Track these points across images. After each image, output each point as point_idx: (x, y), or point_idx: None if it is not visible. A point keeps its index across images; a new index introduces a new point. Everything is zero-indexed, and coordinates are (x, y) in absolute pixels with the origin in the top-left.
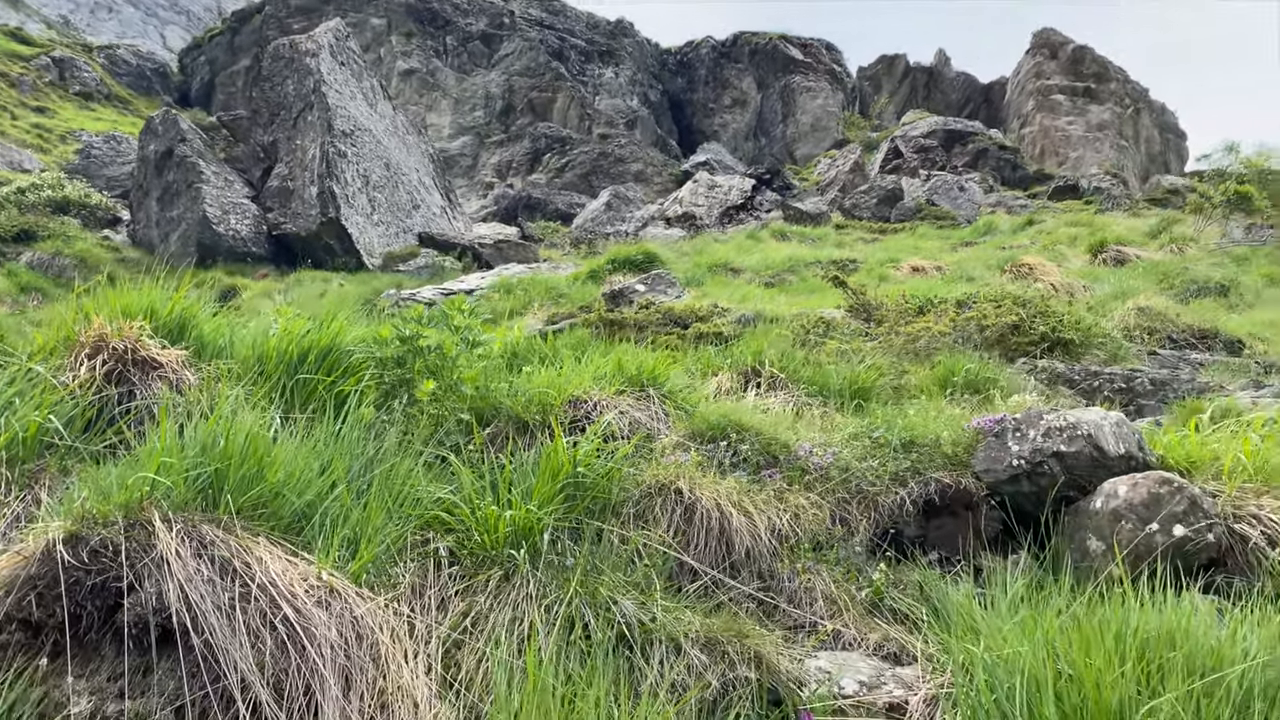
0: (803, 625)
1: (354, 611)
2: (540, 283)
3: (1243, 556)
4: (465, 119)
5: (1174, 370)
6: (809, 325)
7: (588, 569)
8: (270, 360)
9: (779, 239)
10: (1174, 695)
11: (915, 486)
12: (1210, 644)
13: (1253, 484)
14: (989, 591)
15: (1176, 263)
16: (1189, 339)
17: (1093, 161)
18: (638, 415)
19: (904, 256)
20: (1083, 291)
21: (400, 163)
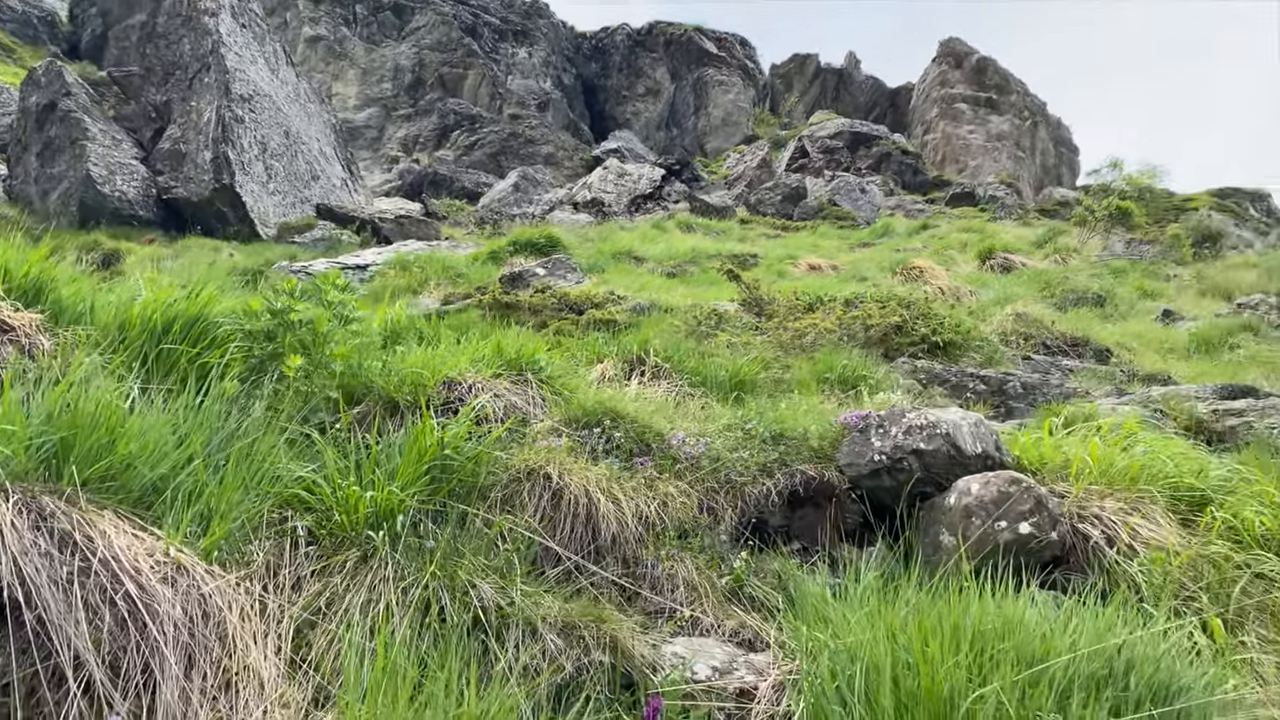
0: (662, 611)
1: (201, 589)
2: (438, 261)
3: (1084, 555)
4: (372, 90)
5: (1045, 375)
6: (702, 317)
7: (449, 552)
8: (133, 328)
9: (684, 230)
10: (1001, 684)
11: (782, 478)
12: (1041, 636)
13: (1098, 486)
14: (844, 581)
15: (1059, 272)
16: (1062, 346)
17: (990, 170)
18: (513, 399)
19: (803, 254)
20: (968, 296)
21: (301, 131)
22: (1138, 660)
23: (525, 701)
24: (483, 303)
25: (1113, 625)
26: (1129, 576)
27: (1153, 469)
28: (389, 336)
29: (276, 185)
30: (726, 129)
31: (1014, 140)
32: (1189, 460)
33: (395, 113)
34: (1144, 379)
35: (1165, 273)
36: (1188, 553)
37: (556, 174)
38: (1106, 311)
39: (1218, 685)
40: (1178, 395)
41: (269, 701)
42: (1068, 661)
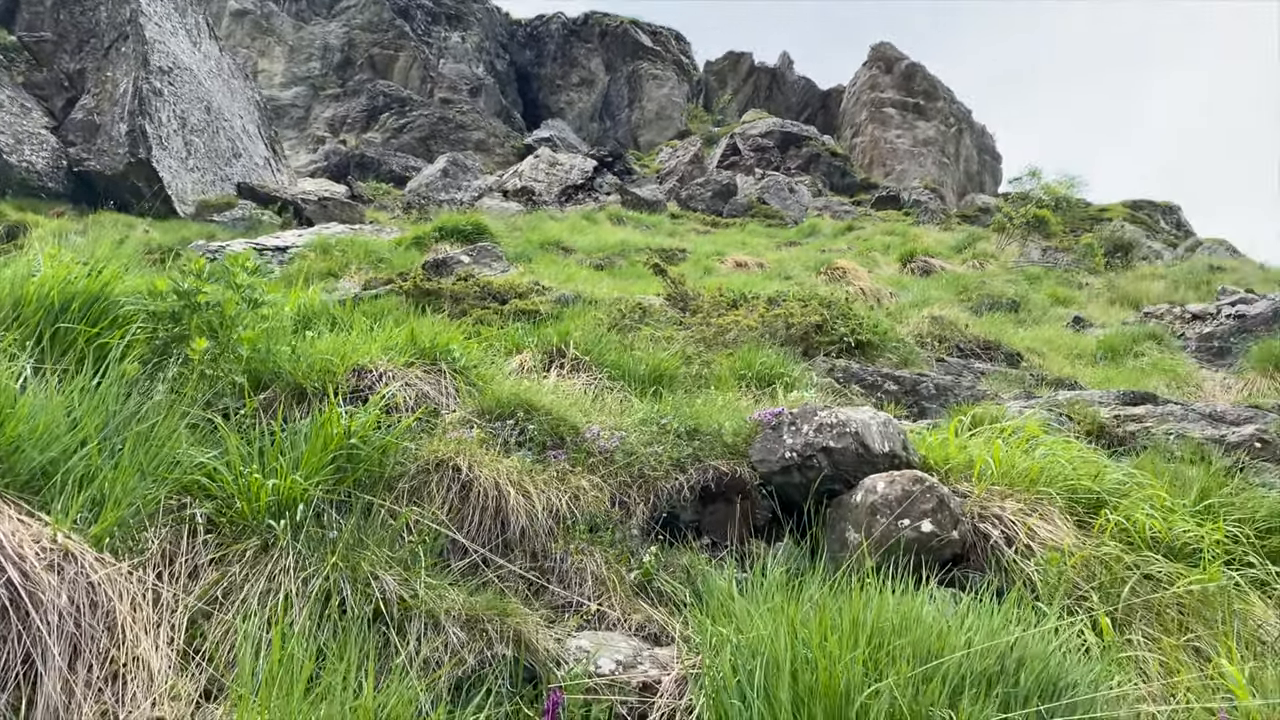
0: (570, 605)
1: (90, 577)
2: (361, 245)
3: (984, 553)
4: (300, 69)
5: (957, 377)
6: (626, 310)
7: (352, 543)
8: (29, 305)
9: (615, 223)
10: (896, 679)
11: (695, 473)
12: (937, 632)
13: (999, 487)
14: (751, 576)
15: (976, 277)
16: (975, 349)
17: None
18: (426, 389)
19: (731, 251)
20: (889, 297)
21: (223, 108)
22: (1029, 657)
23: (425, 694)
24: (403, 289)
25: (1007, 623)
26: (1025, 575)
27: (1052, 471)
28: (302, 321)
29: (196, 162)
30: (660, 123)
31: (939, 146)
32: (1087, 464)
33: (323, 92)
34: (1052, 383)
35: (1078, 280)
36: (1082, 553)
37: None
38: (1020, 317)
39: (1103, 681)
40: (1082, 400)
41: (158, 693)
42: (961, 658)
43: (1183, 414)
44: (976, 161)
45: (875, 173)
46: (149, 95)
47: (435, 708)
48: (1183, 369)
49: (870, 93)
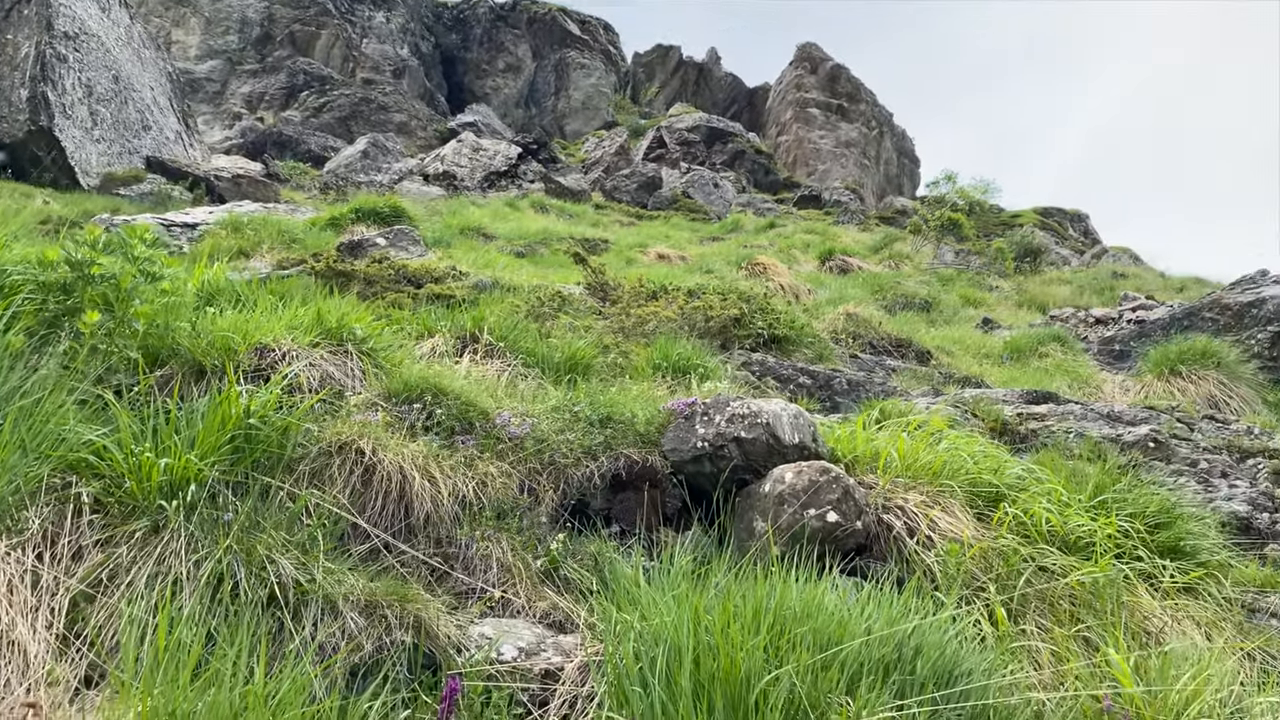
0: (473, 592)
1: None
2: (274, 224)
3: (887, 544)
4: (217, 42)
5: (870, 373)
6: (545, 298)
7: (248, 526)
8: None
9: (538, 210)
10: (795, 666)
11: (606, 461)
12: (838, 620)
13: (904, 479)
14: (659, 564)
15: (891, 277)
16: (888, 346)
17: (838, 176)
18: (330, 369)
19: (654, 243)
20: (807, 294)
21: (133, 78)
22: (926, 646)
23: (319, 680)
24: (316, 270)
25: (906, 612)
26: (926, 566)
27: (954, 465)
28: (205, 299)
29: (102, 133)
30: (586, 113)
31: (861, 148)
32: (988, 458)
33: (240, 67)
34: (959, 381)
35: (989, 283)
36: (980, 545)
37: (409, 144)
38: (932, 316)
39: (997, 670)
40: (987, 398)
41: (34, 679)
42: (860, 645)
43: (1082, 413)
44: (896, 164)
45: (798, 172)
46: (52, 61)
47: (329, 694)
48: (1084, 370)
49: (795, 92)
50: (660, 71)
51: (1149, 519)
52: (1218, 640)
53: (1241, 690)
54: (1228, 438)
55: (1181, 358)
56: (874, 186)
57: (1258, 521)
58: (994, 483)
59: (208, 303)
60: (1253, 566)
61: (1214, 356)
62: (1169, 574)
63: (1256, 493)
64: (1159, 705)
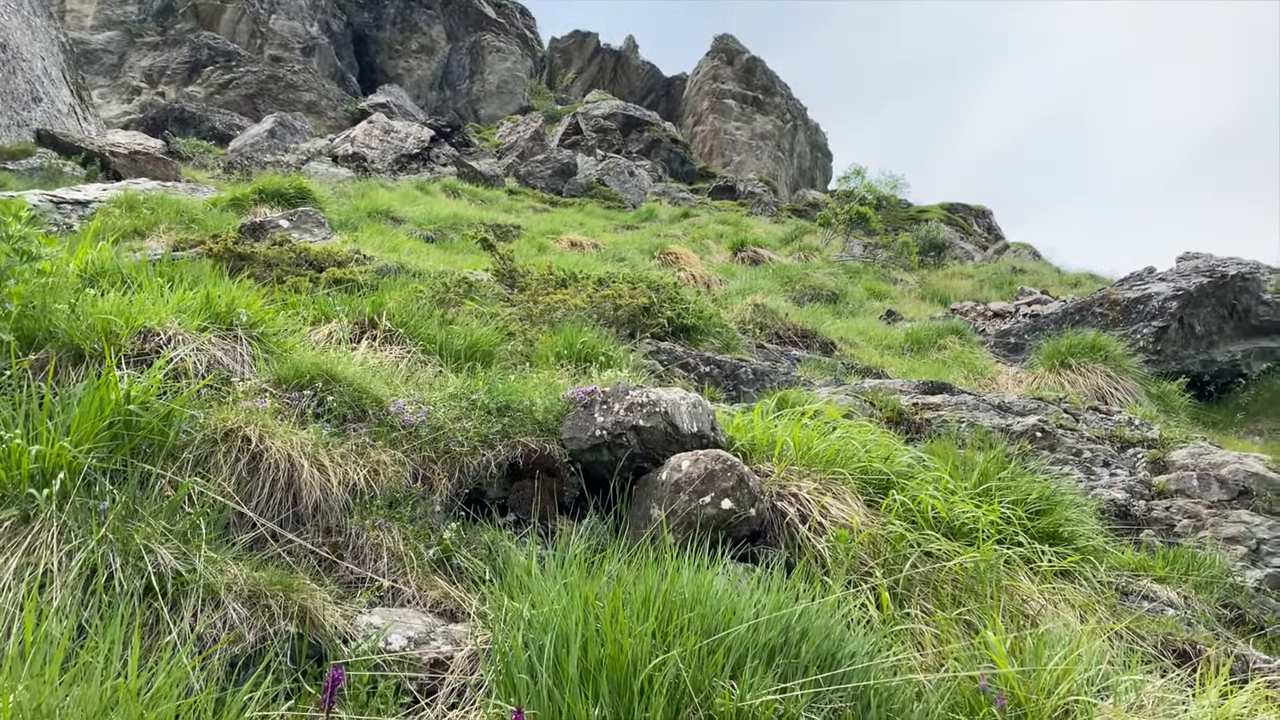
0: (363, 582)
1: None
2: (172, 204)
3: (780, 530)
4: (114, 11)
5: (775, 363)
6: (451, 284)
7: (125, 515)
8: None
9: (450, 195)
10: (680, 650)
11: (503, 449)
12: (726, 605)
13: (798, 467)
14: (552, 553)
15: (801, 269)
16: (794, 337)
17: (753, 168)
18: (218, 354)
19: (567, 230)
20: (718, 284)
21: (21, 46)
22: (811, 630)
23: (196, 673)
24: (213, 252)
25: (794, 596)
26: (817, 551)
27: (847, 453)
28: (88, 280)
29: None
30: (502, 97)
31: (775, 141)
32: (880, 447)
33: (140, 40)
34: (860, 371)
35: (894, 276)
36: (869, 531)
37: (318, 124)
38: (839, 308)
39: (880, 652)
40: (885, 389)
41: None
42: (746, 630)
43: (975, 404)
44: (810, 158)
45: (714, 162)
46: None
47: (207, 686)
48: (981, 362)
49: (712, 83)
50: (578, 58)
51: (1030, 506)
52: (1091, 621)
53: (1109, 669)
54: (1110, 428)
55: (1072, 351)
56: (787, 179)
57: (1134, 509)
58: (884, 471)
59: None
60: (1128, 551)
61: (1102, 350)
62: (1047, 558)
63: (1135, 481)
64: (1032, 684)
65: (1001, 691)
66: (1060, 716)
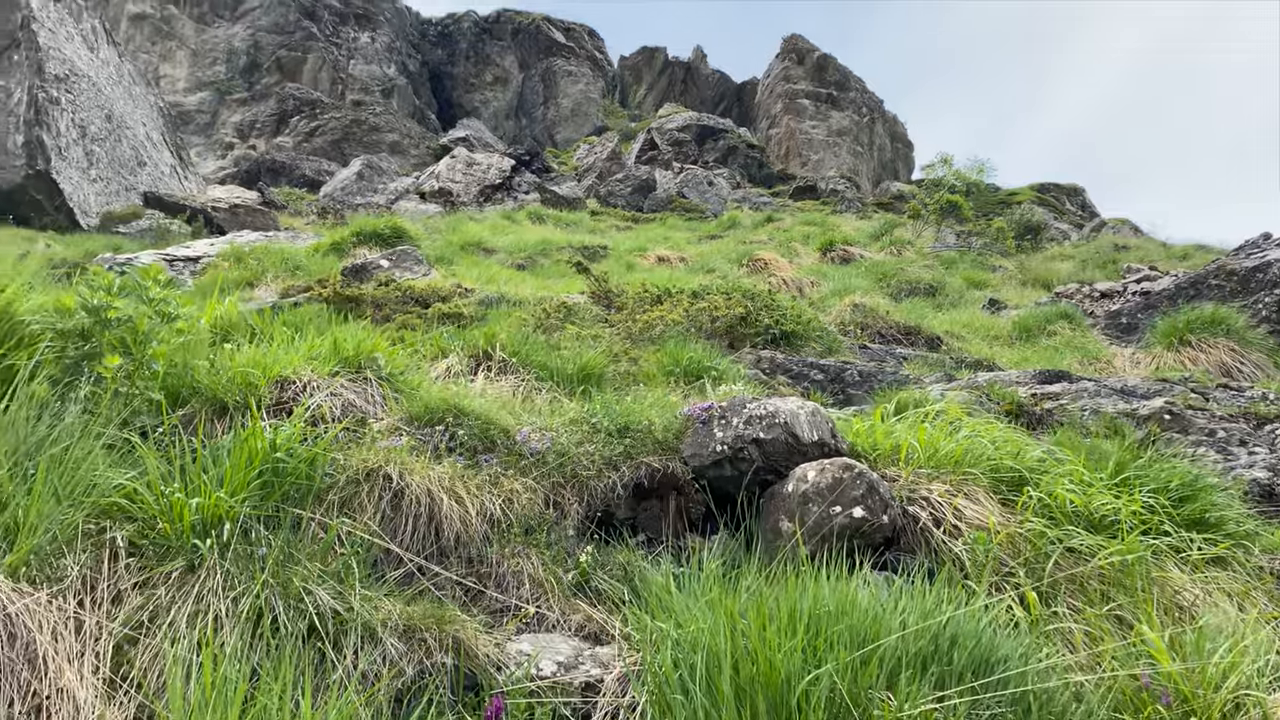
0: (508, 609)
1: (6, 609)
2: (276, 253)
3: (913, 536)
4: (205, 73)
5: (880, 363)
6: (550, 310)
7: (282, 559)
8: None
9: (535, 221)
10: (833, 665)
11: (627, 470)
12: (873, 617)
13: (925, 470)
14: (687, 571)
15: (894, 264)
16: (896, 334)
17: (832, 165)
18: (351, 397)
19: (652, 246)
20: (810, 287)
21: (125, 115)
22: (961, 636)
23: (364, 708)
24: (323, 296)
25: (939, 603)
26: (954, 555)
27: (975, 452)
28: (219, 334)
29: (99, 172)
30: (576, 120)
31: (853, 136)
32: (1008, 443)
33: (230, 97)
34: (971, 365)
35: (991, 264)
36: (1006, 530)
37: (402, 163)
38: (938, 301)
39: (1032, 655)
40: (1001, 381)
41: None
42: (896, 640)
43: (1096, 390)
44: (890, 150)
45: (792, 163)
46: (45, 104)
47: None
48: (1093, 346)
49: (784, 84)
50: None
51: (1172, 493)
52: (1251, 610)
53: (1279, 659)
54: (1243, 405)
55: (1190, 327)
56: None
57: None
58: (1015, 467)
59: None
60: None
61: (1223, 324)
62: (1196, 547)
63: (1277, 459)
64: (1197, 679)
65: (1165, 688)
66: (1231, 711)
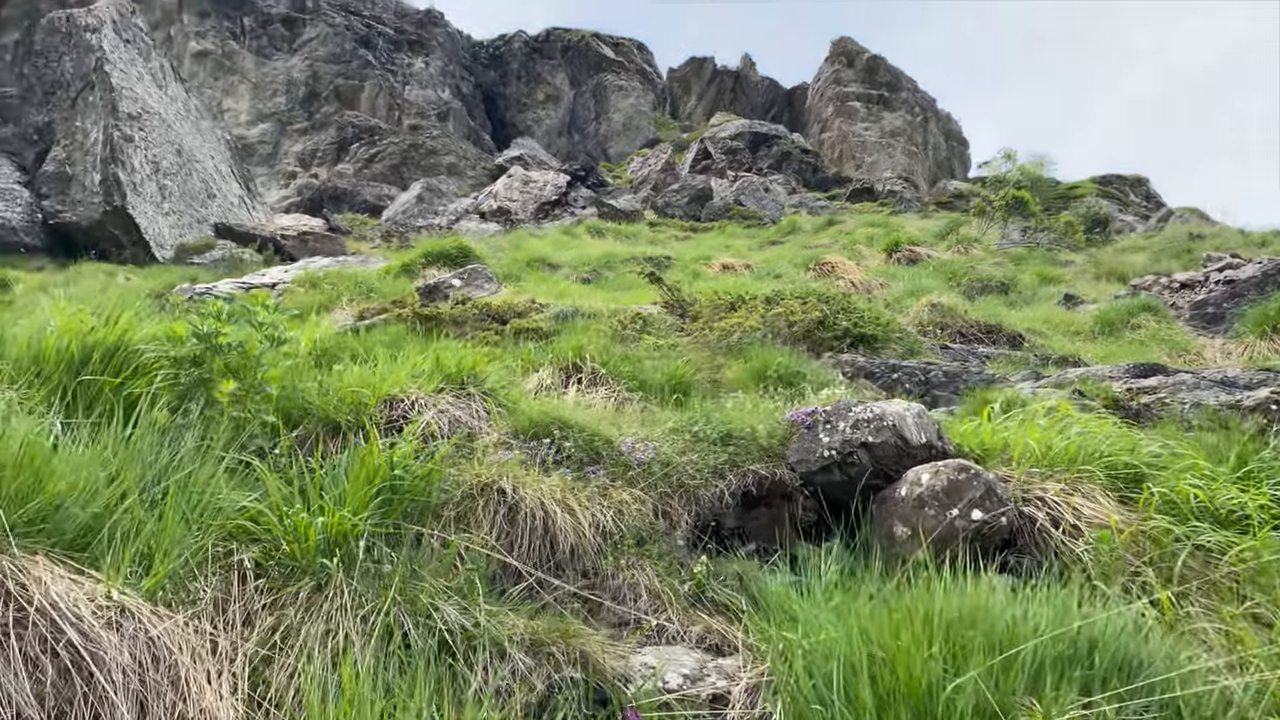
0: (627, 621)
1: (149, 632)
2: (349, 276)
3: (1030, 537)
4: (266, 105)
5: (964, 363)
6: (626, 321)
7: (406, 576)
8: (49, 360)
9: (594, 235)
10: (976, 672)
11: (734, 479)
12: (1006, 621)
13: (1038, 469)
14: (805, 579)
15: (963, 262)
16: (976, 333)
17: (886, 166)
18: (457, 413)
19: (715, 254)
20: (880, 289)
21: (194, 149)
22: (1101, 639)
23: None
24: (402, 316)
25: (1070, 606)
26: (1075, 555)
27: (1088, 449)
28: (319, 356)
29: (171, 205)
30: (628, 133)
31: (907, 136)
32: (1122, 439)
33: (290, 127)
34: (1057, 361)
35: (1061, 258)
36: (1130, 529)
37: (460, 184)
38: (1011, 298)
39: (1176, 657)
40: (1093, 376)
41: None
42: (1036, 645)
43: (1194, 382)
44: (945, 148)
45: (846, 166)
46: (120, 142)
47: None
48: (1180, 338)
49: (834, 87)
50: (696, 84)
51: None
52: None
53: None
54: None
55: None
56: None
57: None
58: (1132, 463)
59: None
60: None
61: None
62: None
63: None
64: None
65: None
66: None
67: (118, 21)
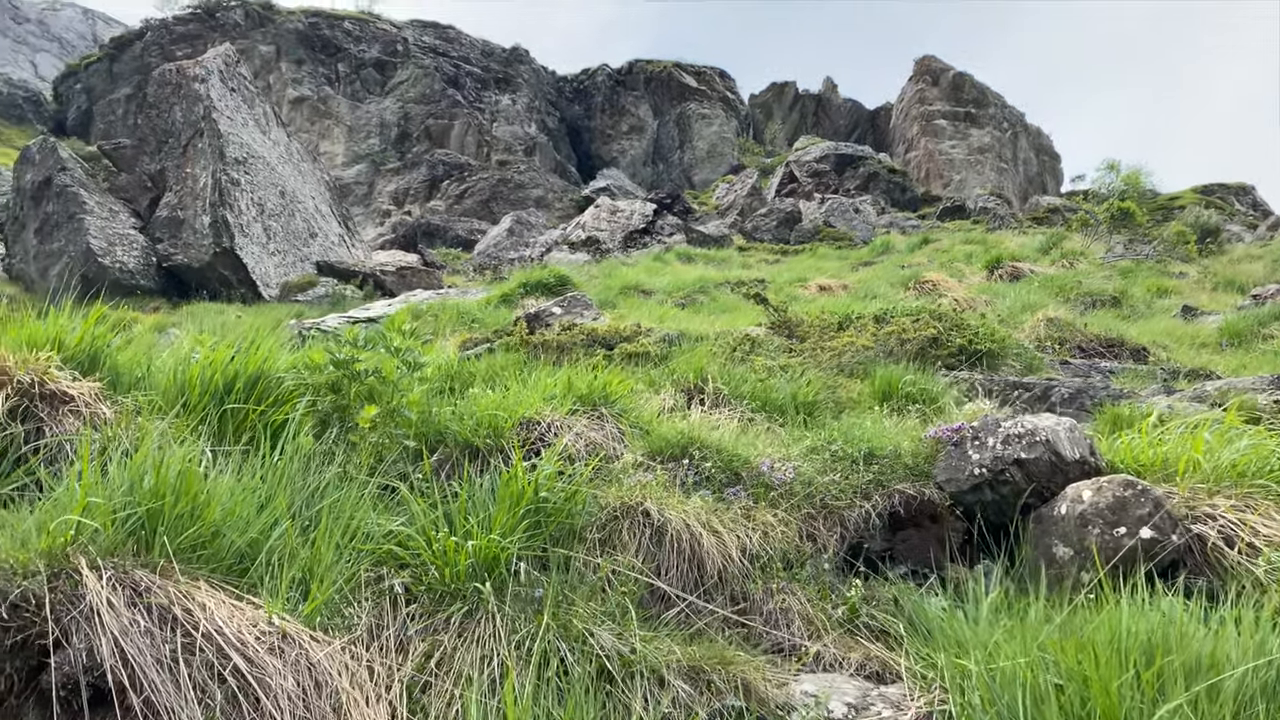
0: (781, 648)
1: (310, 657)
2: (451, 308)
3: (1200, 556)
4: (360, 146)
5: (1086, 378)
6: (735, 343)
7: (558, 600)
8: (194, 390)
9: (684, 261)
10: (1182, 700)
11: (879, 499)
12: (1204, 647)
13: (1204, 485)
14: (964, 604)
15: (1070, 276)
16: (1097, 348)
17: (975, 183)
18: (594, 435)
19: (809, 276)
20: (985, 305)
21: (296, 190)
22: None
23: None
24: (509, 344)
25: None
26: (1255, 577)
27: (1260, 463)
28: (446, 381)
29: (276, 245)
30: (712, 160)
31: (996, 152)
32: None
33: (384, 167)
34: (1186, 375)
35: (1172, 270)
36: None
37: (548, 216)
38: (1124, 312)
39: None
40: (1234, 388)
41: None
42: (1243, 673)
43: None
44: (1036, 163)
45: (933, 185)
46: (228, 186)
47: None
48: None
49: (919, 106)
50: (778, 109)
51: None
52: None
53: None
54: None
55: None
56: (1015, 189)
57: None
58: None
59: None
60: None
61: None
62: None
63: None
64: None
65: None
66: None
67: (223, 71)
